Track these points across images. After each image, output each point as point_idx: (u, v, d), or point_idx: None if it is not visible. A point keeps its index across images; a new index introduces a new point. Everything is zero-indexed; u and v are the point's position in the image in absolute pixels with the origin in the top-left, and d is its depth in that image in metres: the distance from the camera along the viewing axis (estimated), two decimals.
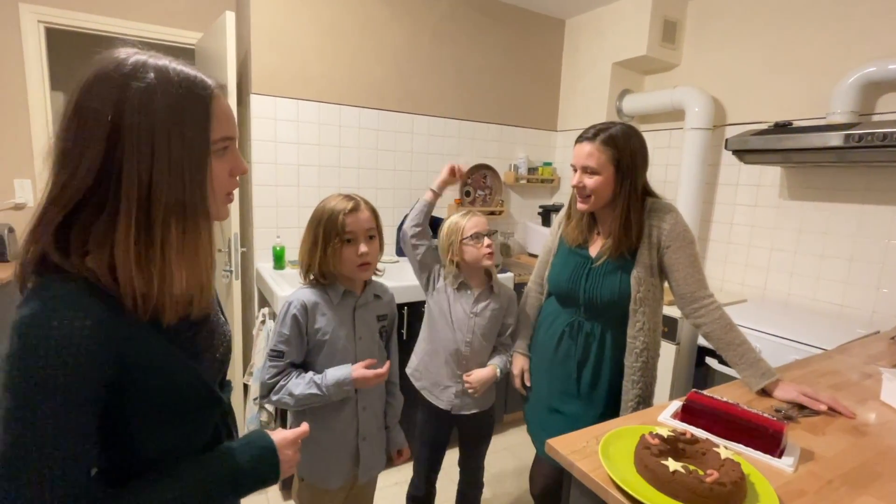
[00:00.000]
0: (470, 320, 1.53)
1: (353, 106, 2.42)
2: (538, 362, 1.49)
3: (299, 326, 1.15)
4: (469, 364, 1.55)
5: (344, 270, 1.16)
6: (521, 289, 2.40)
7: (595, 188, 1.27)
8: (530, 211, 3.12)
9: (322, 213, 1.15)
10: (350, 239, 1.14)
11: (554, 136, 3.14)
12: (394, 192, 2.61)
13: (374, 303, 1.26)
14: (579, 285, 1.34)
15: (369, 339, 1.24)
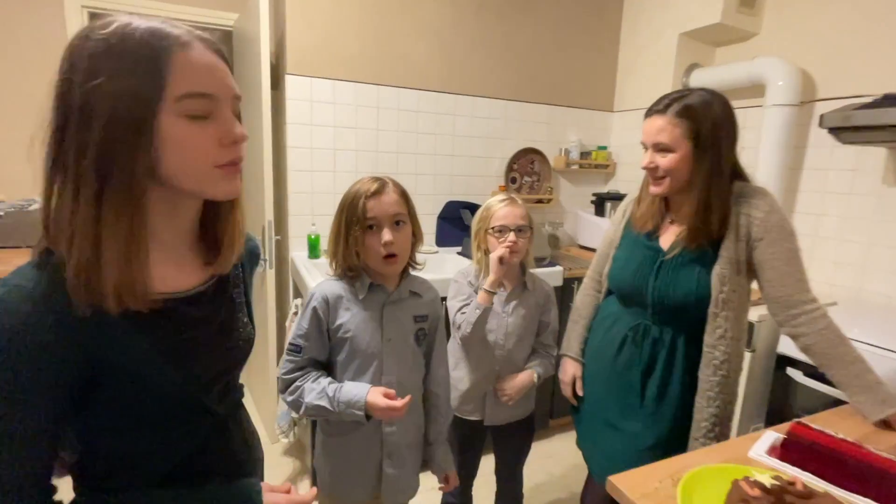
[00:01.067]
0: (502, 320, 1.37)
1: (391, 86, 2.28)
2: (594, 369, 1.30)
3: (319, 321, 1.03)
4: (503, 369, 1.39)
5: (371, 262, 1.03)
6: (571, 284, 2.20)
7: (670, 168, 1.06)
8: (582, 199, 2.88)
9: (346, 198, 1.02)
10: (373, 226, 1.00)
11: (610, 117, 2.87)
12: (434, 178, 2.47)
13: (411, 301, 1.11)
14: (647, 282, 1.14)
15: (401, 343, 1.09)
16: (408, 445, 1.13)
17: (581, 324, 1.36)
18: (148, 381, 0.57)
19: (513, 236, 1.31)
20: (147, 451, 0.60)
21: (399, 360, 1.08)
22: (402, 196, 1.04)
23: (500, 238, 1.32)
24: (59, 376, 0.51)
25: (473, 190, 2.55)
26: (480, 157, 2.55)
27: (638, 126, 1.18)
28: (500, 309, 1.38)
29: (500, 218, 1.33)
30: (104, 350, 0.53)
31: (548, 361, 1.43)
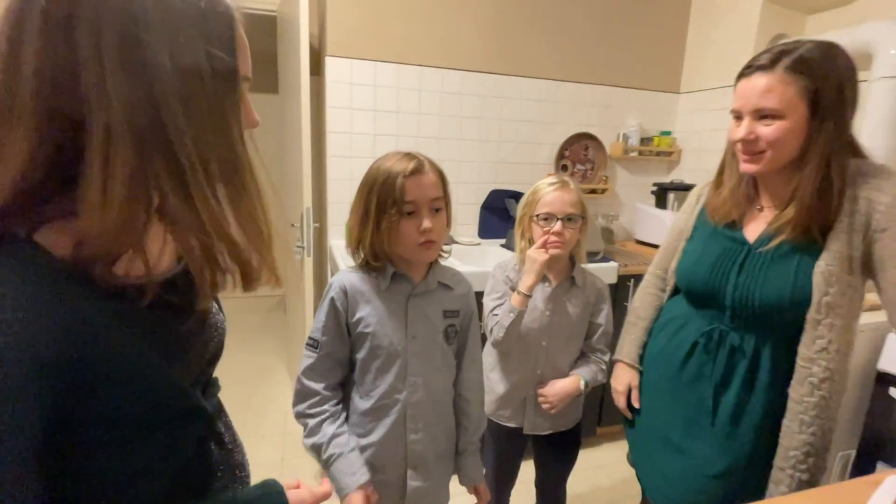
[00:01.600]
0: (545, 319, 1.21)
1: (435, 67, 2.15)
2: (654, 379, 1.12)
3: (337, 314, 0.92)
4: (545, 373, 1.24)
5: (401, 250, 0.91)
6: (627, 282, 1.99)
7: (775, 139, 0.85)
8: (641, 190, 2.63)
9: (376, 175, 0.88)
10: (411, 211, 0.88)
11: (675, 99, 2.60)
12: (478, 165, 2.32)
13: (440, 293, 0.99)
14: (726, 280, 0.95)
15: (428, 341, 0.97)
16: (436, 455, 1.01)
17: (640, 326, 1.18)
18: (138, 383, 0.46)
19: (559, 226, 1.16)
20: (138, 471, 0.49)
21: (425, 360, 0.96)
22: (440, 177, 0.92)
23: (545, 227, 1.17)
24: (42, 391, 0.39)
25: (520, 178, 2.39)
26: (529, 143, 2.38)
27: (708, 109, 1.00)
28: (543, 306, 1.23)
29: (547, 204, 1.18)
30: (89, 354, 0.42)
31: (597, 368, 1.26)
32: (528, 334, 1.23)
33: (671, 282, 1.13)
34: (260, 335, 3.32)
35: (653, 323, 1.17)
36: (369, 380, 0.93)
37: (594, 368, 1.25)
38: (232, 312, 3.04)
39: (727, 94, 2.31)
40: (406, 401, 0.95)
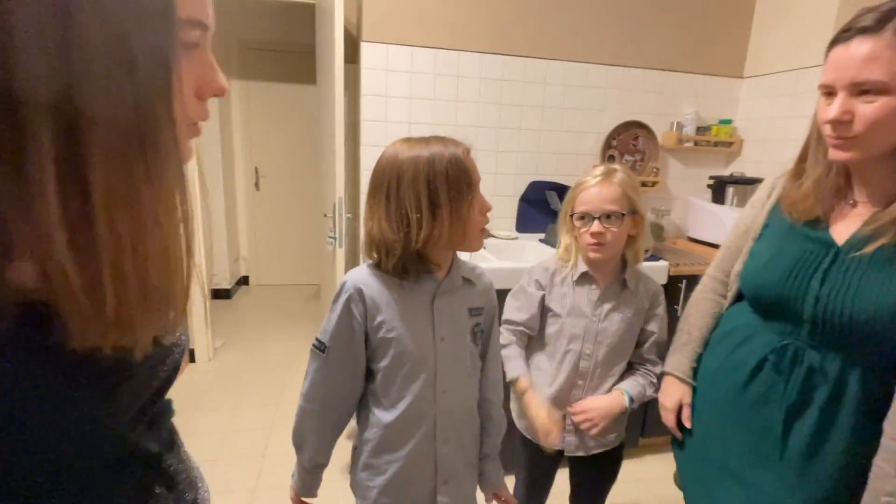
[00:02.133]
0: (592, 325, 1.10)
1: (474, 52, 2.04)
2: (711, 397, 0.99)
3: (352, 319, 0.84)
4: (589, 385, 1.13)
5: (460, 240, 0.83)
6: (678, 283, 1.83)
7: (877, 119, 0.71)
8: (695, 183, 2.43)
9: (434, 162, 0.77)
10: (475, 190, 0.83)
11: (738, 84, 2.37)
12: (517, 155, 2.20)
13: (465, 290, 0.90)
14: (805, 288, 0.81)
15: (457, 343, 0.88)
16: (466, 465, 0.94)
17: (695, 336, 1.04)
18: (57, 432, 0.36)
19: (596, 225, 1.04)
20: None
21: (456, 365, 0.88)
22: None
23: (582, 227, 1.07)
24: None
25: (562, 169, 2.25)
26: (573, 132, 2.23)
27: (777, 95, 0.85)
28: (589, 311, 1.11)
29: (583, 202, 1.07)
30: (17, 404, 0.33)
31: (646, 381, 1.13)
32: (572, 342, 1.12)
33: (734, 287, 0.99)
34: (297, 322, 3.35)
35: (710, 333, 1.03)
36: (394, 391, 0.86)
37: (642, 382, 1.13)
38: (269, 298, 3.08)
39: (800, 79, 2.07)
40: (436, 410, 0.87)
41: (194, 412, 2.20)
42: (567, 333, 1.13)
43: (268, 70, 3.71)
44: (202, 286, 2.60)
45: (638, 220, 1.09)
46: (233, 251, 3.83)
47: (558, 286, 1.15)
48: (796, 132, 2.09)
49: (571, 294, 1.13)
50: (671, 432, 1.08)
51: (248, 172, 3.90)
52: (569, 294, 1.13)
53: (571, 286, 1.13)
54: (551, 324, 1.16)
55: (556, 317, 1.14)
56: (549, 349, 1.16)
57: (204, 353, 2.68)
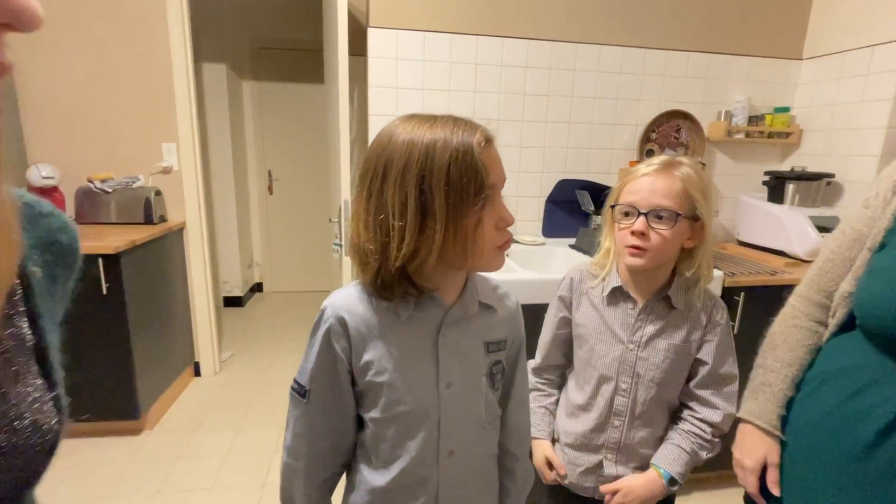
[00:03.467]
0: (629, 355, 0.87)
1: (494, 36, 1.84)
2: (813, 458, 0.74)
3: (334, 356, 0.64)
4: (627, 427, 0.90)
5: (472, 259, 0.60)
6: (735, 297, 1.57)
7: None
8: (747, 180, 2.15)
9: (434, 152, 0.56)
10: (489, 197, 0.59)
11: (796, 67, 2.08)
12: (543, 151, 1.98)
13: (480, 318, 0.69)
14: None
15: (469, 389, 0.67)
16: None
17: (783, 375, 0.80)
18: None
19: (640, 223, 0.82)
20: None
21: (466, 418, 0.67)
22: None
23: (624, 224, 0.85)
24: None
25: (595, 167, 2.01)
26: (606, 125, 1.99)
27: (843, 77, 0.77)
28: (625, 336, 0.89)
29: (631, 191, 0.85)
30: None
31: (695, 441, 0.89)
32: (603, 374, 0.90)
33: (841, 312, 0.75)
34: None
35: (802, 372, 0.79)
36: (386, 448, 0.65)
37: (688, 447, 0.88)
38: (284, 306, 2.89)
39: (875, 57, 1.78)
40: (439, 477, 0.66)
41: (194, 433, 2.05)
42: (597, 362, 0.91)
43: (281, 70, 3.59)
44: (208, 294, 2.46)
45: (698, 228, 0.85)
46: (245, 257, 3.71)
47: (586, 298, 0.94)
48: (869, 119, 1.81)
49: (603, 311, 0.91)
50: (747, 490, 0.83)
51: (262, 176, 3.78)
52: (599, 311, 0.92)
53: (603, 301, 0.91)
54: (579, 345, 0.95)
55: (583, 339, 0.93)
56: (579, 378, 0.96)
57: (209, 366, 2.54)
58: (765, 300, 1.58)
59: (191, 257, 2.38)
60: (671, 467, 0.87)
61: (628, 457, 0.92)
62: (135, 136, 2.23)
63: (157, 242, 2.12)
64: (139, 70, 2.17)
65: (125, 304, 1.83)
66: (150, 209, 2.18)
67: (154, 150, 2.25)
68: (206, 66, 3.27)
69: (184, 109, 2.24)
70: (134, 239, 1.88)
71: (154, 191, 2.20)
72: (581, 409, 0.94)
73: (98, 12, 2.09)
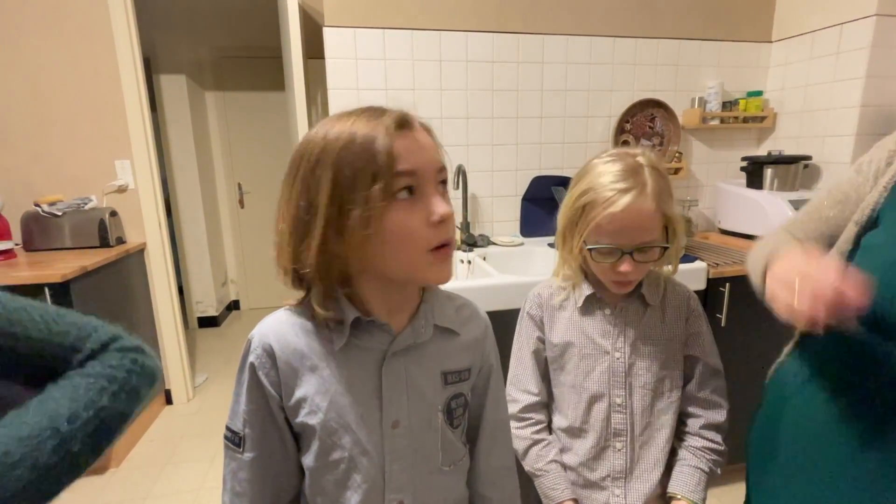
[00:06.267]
0: (615, 365, 0.81)
1: (457, 31, 1.76)
2: (800, 463, 0.67)
3: (264, 391, 0.55)
4: (630, 448, 0.83)
5: (393, 266, 0.52)
6: (720, 287, 1.51)
7: None
8: (725, 167, 2.11)
9: (325, 143, 0.50)
10: (411, 187, 0.50)
11: (766, 49, 2.05)
12: (516, 148, 1.90)
13: (437, 344, 0.60)
14: None
15: (420, 427, 0.58)
16: None
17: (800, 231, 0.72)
18: None
19: (628, 264, 0.73)
20: None
21: (418, 463, 0.58)
22: (430, 134, 0.55)
23: (604, 261, 0.75)
24: None
25: (570, 161, 1.95)
26: (579, 117, 1.93)
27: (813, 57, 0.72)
28: (608, 345, 0.82)
29: (610, 231, 0.72)
30: None
31: (707, 458, 0.82)
32: (595, 391, 0.82)
33: None
34: None
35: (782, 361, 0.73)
36: (324, 502, 0.57)
37: (706, 464, 0.82)
38: None
39: (844, 35, 1.75)
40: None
41: (165, 467, 1.92)
42: (584, 381, 0.83)
43: (245, 78, 3.46)
44: (175, 317, 2.33)
45: (663, 252, 0.77)
46: (219, 275, 3.57)
47: (561, 314, 0.85)
48: (842, 98, 1.78)
49: (580, 323, 0.83)
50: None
51: (231, 189, 3.65)
52: (577, 324, 0.84)
53: (577, 313, 0.84)
54: (559, 367, 0.86)
55: (564, 360, 0.85)
56: (563, 404, 0.86)
57: (181, 392, 2.41)
58: (751, 289, 1.53)
59: (154, 279, 2.25)
60: (695, 494, 0.80)
61: (638, 488, 0.83)
62: (84, 154, 2.10)
63: (115, 266, 1.99)
64: (85, 84, 2.04)
65: None
66: (105, 231, 2.05)
67: (106, 169, 2.12)
68: (164, 77, 3.14)
69: (136, 124, 2.11)
70: (85, 265, 1.75)
71: (109, 211, 2.07)
72: (571, 437, 0.85)
73: (36, 25, 1.96)
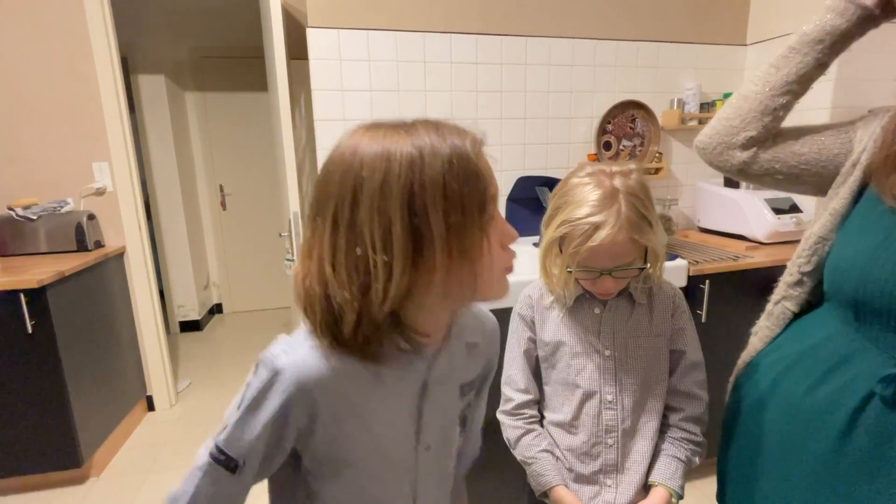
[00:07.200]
0: (604, 363, 0.83)
1: (441, 32, 1.77)
2: (785, 450, 0.70)
3: (286, 430, 0.51)
4: (621, 443, 0.85)
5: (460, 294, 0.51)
6: (700, 284, 1.55)
7: None
8: (704, 167, 2.16)
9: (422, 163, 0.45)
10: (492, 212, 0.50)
11: (741, 52, 2.11)
12: (500, 149, 1.92)
13: (463, 362, 0.60)
14: None
15: (444, 444, 0.59)
16: None
17: None
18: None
19: (609, 283, 0.78)
20: None
21: (438, 472, 0.59)
22: None
23: (586, 278, 0.80)
24: None
25: (553, 161, 1.97)
26: (562, 118, 1.96)
27: None
28: (598, 343, 0.84)
29: (589, 258, 0.75)
30: None
31: (688, 448, 0.86)
32: (586, 389, 0.84)
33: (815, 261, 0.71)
34: None
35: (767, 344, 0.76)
36: None
37: (683, 454, 0.85)
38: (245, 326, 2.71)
39: None
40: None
41: (148, 475, 1.89)
42: (577, 378, 0.85)
43: (226, 79, 3.42)
44: (156, 322, 2.29)
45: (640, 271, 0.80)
46: (201, 278, 3.51)
47: (551, 314, 0.87)
48: (813, 100, 1.84)
49: (571, 323, 0.85)
50: None
51: (213, 191, 3.59)
52: (567, 324, 0.86)
53: (568, 313, 0.86)
54: (551, 366, 0.88)
55: (556, 358, 0.86)
56: (554, 401, 0.88)
57: (164, 398, 2.37)
58: (730, 286, 1.58)
59: (134, 283, 2.21)
60: (674, 481, 0.83)
61: (627, 480, 0.85)
62: (60, 156, 2.05)
63: (93, 270, 1.95)
64: (60, 84, 1.99)
65: (56, 342, 1.66)
66: (82, 235, 2.00)
67: (84, 171, 2.08)
68: (143, 77, 3.08)
69: (115, 125, 2.07)
70: (62, 269, 1.71)
71: (87, 215, 2.02)
72: (563, 432, 0.87)
73: (8, 22, 1.91)
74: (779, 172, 0.77)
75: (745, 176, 0.79)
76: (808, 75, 0.73)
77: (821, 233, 0.71)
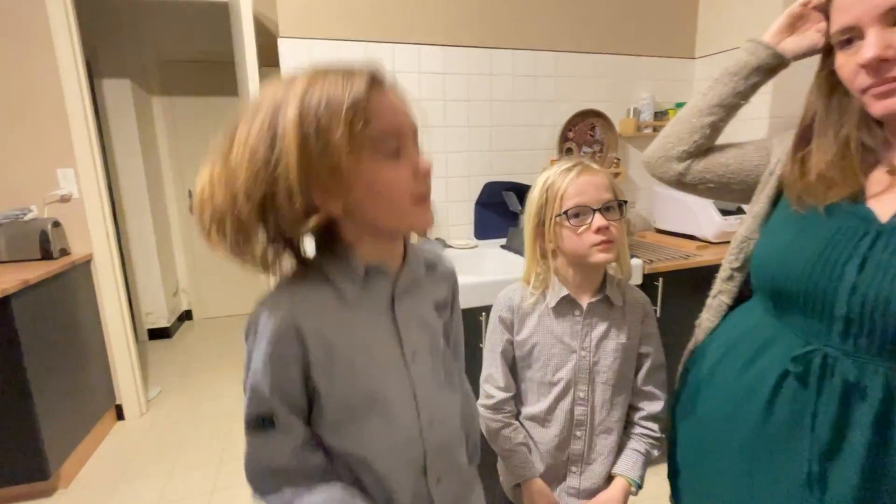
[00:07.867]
0: (582, 362, 0.90)
1: (409, 43, 1.84)
2: (717, 439, 0.79)
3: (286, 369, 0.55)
4: (589, 437, 0.93)
5: (381, 216, 0.55)
6: (654, 282, 1.67)
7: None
8: None
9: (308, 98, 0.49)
10: (398, 148, 0.54)
11: (690, 65, 2.27)
12: (468, 155, 2.00)
13: (428, 280, 0.67)
14: (840, 275, 0.63)
15: (430, 354, 0.65)
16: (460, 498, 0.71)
17: None
18: None
19: (599, 219, 0.84)
20: None
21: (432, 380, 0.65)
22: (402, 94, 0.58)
23: (579, 224, 0.85)
24: None
25: (519, 167, 2.07)
26: (526, 126, 2.06)
27: None
28: (576, 344, 0.91)
29: (575, 193, 0.85)
30: None
31: (647, 442, 0.95)
32: (561, 386, 0.92)
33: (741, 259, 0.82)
34: None
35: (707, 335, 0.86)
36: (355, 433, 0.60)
37: (643, 447, 0.94)
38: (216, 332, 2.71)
39: None
40: (424, 446, 0.63)
41: (118, 485, 1.87)
42: (553, 377, 0.92)
43: (193, 83, 3.39)
44: (125, 330, 2.26)
45: (622, 216, 0.90)
46: (169, 284, 3.46)
47: (531, 316, 0.93)
48: (753, 111, 2.00)
49: (551, 325, 0.92)
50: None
51: (181, 196, 3.55)
52: (547, 325, 0.92)
53: (550, 315, 0.92)
54: (527, 365, 0.94)
55: (533, 358, 0.93)
56: (531, 398, 0.95)
57: (134, 407, 2.34)
58: (681, 283, 1.70)
59: (102, 291, 2.18)
60: (633, 472, 0.92)
61: (592, 469, 0.94)
62: (22, 162, 2.01)
63: (59, 279, 1.92)
64: (22, 89, 1.96)
65: (21, 352, 1.64)
66: (47, 243, 1.97)
67: (48, 178, 2.04)
68: (107, 82, 3.03)
69: (80, 131, 2.05)
70: (27, 278, 1.69)
71: (51, 222, 1.99)
72: (537, 425, 0.94)
73: None
74: (710, 181, 0.88)
75: (682, 186, 0.90)
76: (728, 101, 0.84)
77: (746, 233, 0.82)
